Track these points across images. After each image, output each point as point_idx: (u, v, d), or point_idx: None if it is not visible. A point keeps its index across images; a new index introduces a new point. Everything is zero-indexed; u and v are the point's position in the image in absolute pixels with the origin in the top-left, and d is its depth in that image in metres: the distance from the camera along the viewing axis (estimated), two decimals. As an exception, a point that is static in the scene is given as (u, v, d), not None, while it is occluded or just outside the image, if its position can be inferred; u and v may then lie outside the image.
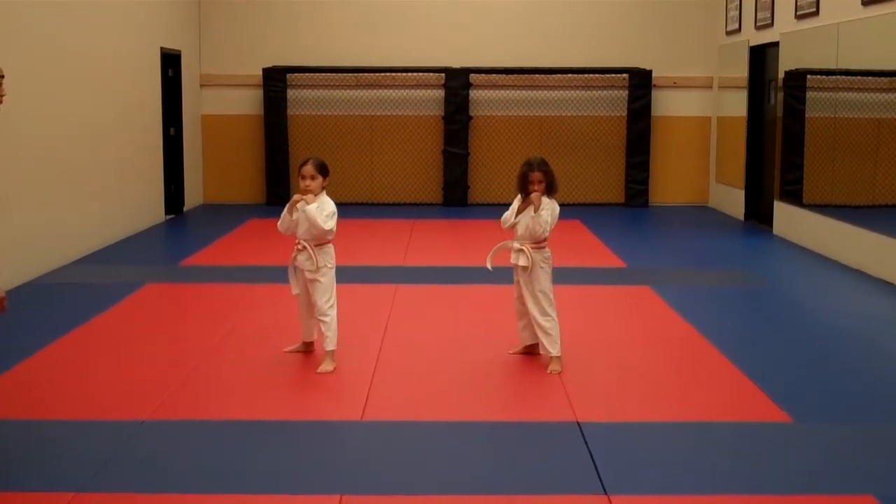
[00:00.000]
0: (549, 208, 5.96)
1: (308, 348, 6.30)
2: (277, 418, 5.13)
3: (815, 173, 10.90)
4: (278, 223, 6.07)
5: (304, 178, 5.97)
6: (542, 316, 6.02)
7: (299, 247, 6.00)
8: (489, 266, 6.22)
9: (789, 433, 4.97)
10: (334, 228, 5.95)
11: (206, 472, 4.44)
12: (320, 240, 5.98)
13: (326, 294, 6.01)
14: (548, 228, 5.94)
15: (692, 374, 5.98)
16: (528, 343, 6.27)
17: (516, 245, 6.05)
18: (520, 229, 6.01)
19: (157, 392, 5.52)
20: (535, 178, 5.97)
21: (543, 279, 6.03)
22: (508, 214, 6.08)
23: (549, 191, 6.01)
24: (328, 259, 6.02)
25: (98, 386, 5.64)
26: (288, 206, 6.00)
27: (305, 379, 5.83)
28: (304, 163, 6.01)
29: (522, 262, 6.00)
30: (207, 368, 6.02)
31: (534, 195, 5.94)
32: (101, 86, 10.55)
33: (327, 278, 6.01)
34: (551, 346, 6.00)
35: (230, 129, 14.29)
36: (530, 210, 5.96)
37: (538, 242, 6.01)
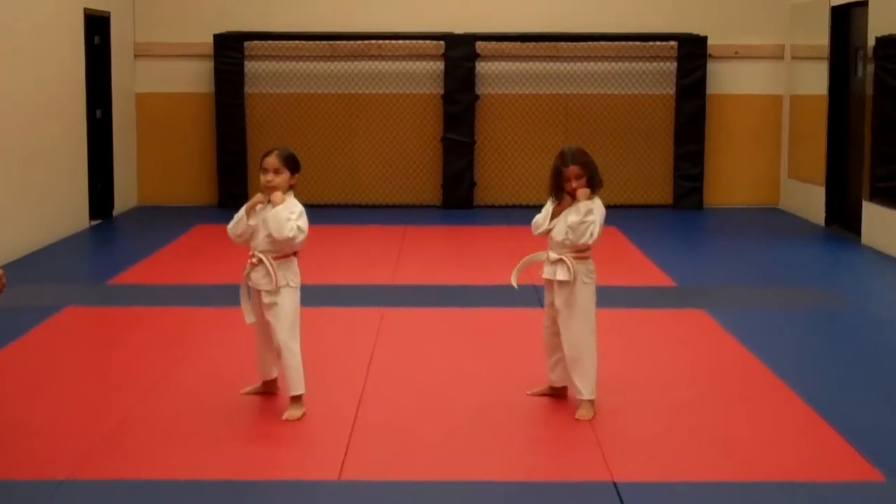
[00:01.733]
0: (597, 210, 5.95)
1: (269, 389, 6.29)
2: (231, 478, 5.10)
3: (914, 166, 10.92)
4: (229, 226, 6.06)
5: (266, 171, 5.96)
6: (578, 347, 6.00)
7: (254, 260, 5.99)
8: (514, 283, 6.20)
9: (881, 495, 4.96)
10: (298, 235, 5.89)
11: (140, 545, 4.43)
12: (282, 251, 5.98)
13: (288, 321, 5.97)
14: (596, 231, 5.95)
15: (758, 421, 5.97)
16: (558, 385, 6.26)
17: (552, 255, 6.04)
18: (557, 235, 6.01)
19: (79, 444, 5.49)
20: (570, 173, 5.95)
21: (586, 298, 6.02)
22: (542, 218, 6.07)
23: (591, 186, 6.00)
24: (291, 276, 6.01)
25: (4, 437, 5.62)
26: (246, 206, 5.99)
27: (267, 428, 5.81)
28: (268, 153, 6.02)
29: (561, 275, 5.97)
30: (143, 415, 6.00)
31: (580, 191, 5.93)
32: (8, 56, 10.57)
33: (289, 301, 5.98)
34: (584, 387, 5.99)
35: (172, 111, 14.30)
36: (570, 211, 5.93)
37: (580, 251, 6.01)
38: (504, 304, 8.34)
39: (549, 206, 6.07)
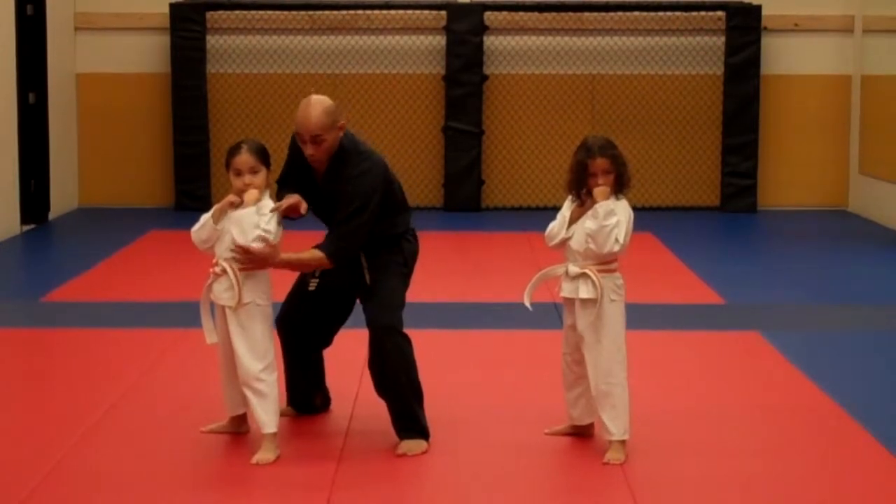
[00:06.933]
0: (622, 212, 5.96)
1: (238, 427, 6.28)
2: (190, 533, 5.12)
3: None
4: (193, 229, 6.05)
5: (239, 173, 5.96)
6: (606, 378, 5.99)
7: (217, 270, 5.99)
8: (528, 303, 6.20)
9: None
10: (271, 234, 5.88)
11: None
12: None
13: (256, 346, 5.96)
14: (622, 236, 5.95)
15: (822, 468, 5.97)
16: (581, 423, 6.27)
17: (573, 269, 6.04)
18: (577, 244, 6.02)
19: (6, 494, 5.47)
20: (597, 167, 5.96)
21: (615, 319, 6.02)
22: (557, 225, 6.08)
23: (620, 185, 6.02)
24: (259, 292, 6.00)
25: (-84, 484, 5.63)
26: (216, 207, 5.96)
27: (234, 473, 5.81)
28: (236, 150, 6.01)
29: (585, 292, 5.96)
30: (83, 458, 5.98)
31: (598, 190, 5.95)
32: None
33: (256, 322, 5.97)
34: (615, 426, 5.98)
35: (120, 95, 14.30)
36: (587, 216, 5.95)
37: (606, 263, 6.02)
38: (516, 326, 8.33)
39: (565, 210, 6.07)
